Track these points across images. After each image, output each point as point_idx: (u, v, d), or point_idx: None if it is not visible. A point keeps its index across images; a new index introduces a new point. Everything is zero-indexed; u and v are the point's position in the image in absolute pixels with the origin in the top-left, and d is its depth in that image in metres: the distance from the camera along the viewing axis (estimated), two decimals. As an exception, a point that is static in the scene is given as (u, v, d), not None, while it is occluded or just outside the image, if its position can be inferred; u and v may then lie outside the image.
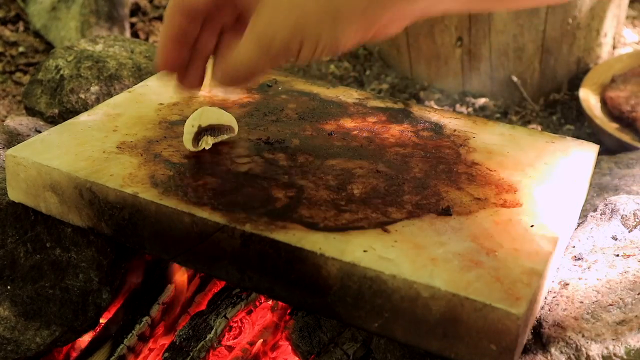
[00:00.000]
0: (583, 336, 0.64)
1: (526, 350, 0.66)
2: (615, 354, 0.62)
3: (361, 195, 0.73)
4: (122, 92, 0.94)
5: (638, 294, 0.66)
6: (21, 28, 2.17)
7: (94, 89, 1.07)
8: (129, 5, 2.22)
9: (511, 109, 1.83)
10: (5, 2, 2.25)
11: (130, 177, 0.74)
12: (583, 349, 0.64)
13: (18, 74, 2.01)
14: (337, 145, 0.82)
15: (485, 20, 1.75)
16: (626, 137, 1.59)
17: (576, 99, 1.80)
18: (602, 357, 0.62)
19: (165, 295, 0.92)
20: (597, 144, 0.85)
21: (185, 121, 0.79)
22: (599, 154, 0.86)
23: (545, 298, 0.70)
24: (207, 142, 0.79)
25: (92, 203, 0.75)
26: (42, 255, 0.83)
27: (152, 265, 0.98)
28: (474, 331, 0.60)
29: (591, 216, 0.82)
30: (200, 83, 0.72)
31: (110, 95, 1.05)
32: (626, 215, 0.80)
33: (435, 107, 1.72)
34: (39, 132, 0.97)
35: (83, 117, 0.87)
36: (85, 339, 0.91)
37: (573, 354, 0.64)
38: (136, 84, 0.97)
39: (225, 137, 0.81)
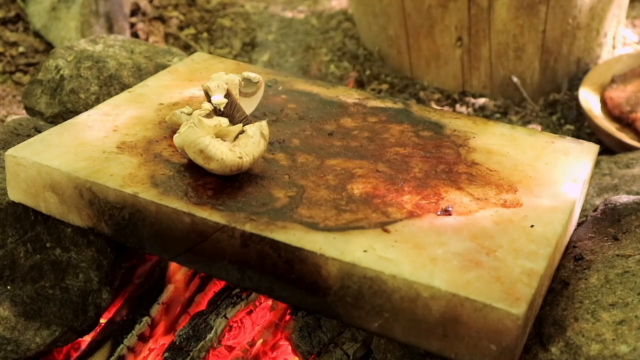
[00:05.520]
0: (583, 336, 0.64)
1: (526, 350, 0.66)
2: (615, 354, 0.62)
3: (361, 195, 0.73)
4: (122, 92, 0.94)
5: (638, 294, 0.66)
6: (21, 28, 2.17)
7: (94, 89, 1.07)
8: (129, 5, 2.22)
9: (511, 109, 1.83)
10: (5, 2, 2.25)
11: (130, 177, 0.74)
12: (583, 349, 0.63)
13: (18, 74, 2.01)
14: (337, 145, 0.82)
15: (485, 20, 1.75)
16: (626, 137, 1.59)
17: (576, 99, 1.80)
18: (602, 357, 0.62)
19: (165, 295, 0.92)
20: (597, 144, 0.85)
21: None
22: (599, 154, 0.86)
23: (546, 298, 0.70)
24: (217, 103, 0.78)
25: (92, 203, 0.75)
26: (42, 255, 0.83)
27: (152, 265, 0.98)
28: (474, 331, 0.60)
29: (591, 216, 0.82)
30: None
31: (110, 95, 1.05)
32: (626, 215, 0.80)
33: (435, 107, 1.72)
34: (39, 132, 0.97)
35: (83, 117, 0.87)
36: (86, 339, 0.91)
37: (573, 354, 0.64)
38: (136, 84, 0.97)
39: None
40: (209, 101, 0.80)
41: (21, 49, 2.11)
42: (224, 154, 0.71)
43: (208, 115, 0.77)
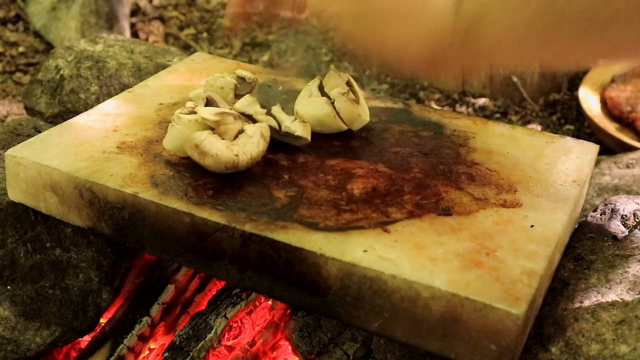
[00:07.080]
0: (583, 336, 0.64)
1: (526, 350, 0.66)
2: (615, 354, 0.62)
3: (361, 195, 0.73)
4: (122, 92, 0.94)
5: (638, 294, 0.66)
6: (21, 28, 2.17)
7: (94, 89, 1.07)
8: (129, 5, 2.22)
9: (511, 109, 1.83)
10: (5, 2, 2.25)
11: (130, 177, 0.74)
12: (583, 349, 0.64)
13: (18, 74, 2.01)
14: (337, 145, 0.82)
15: (485, 20, 1.75)
16: (626, 137, 1.59)
17: (576, 99, 1.80)
18: (602, 357, 0.62)
19: (165, 295, 0.92)
20: (597, 144, 0.85)
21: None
22: (599, 154, 0.86)
23: (546, 298, 0.70)
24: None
25: (92, 203, 0.75)
26: (42, 255, 0.83)
27: (152, 265, 0.98)
28: (474, 331, 0.60)
29: (591, 216, 0.82)
30: None
31: (110, 95, 1.05)
32: (626, 215, 0.80)
33: (435, 107, 1.72)
34: (39, 132, 0.97)
35: (83, 117, 0.87)
36: (86, 339, 0.91)
37: (573, 354, 0.64)
38: (136, 84, 0.97)
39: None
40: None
41: (21, 49, 2.11)
42: (219, 150, 0.71)
43: (191, 113, 0.76)
